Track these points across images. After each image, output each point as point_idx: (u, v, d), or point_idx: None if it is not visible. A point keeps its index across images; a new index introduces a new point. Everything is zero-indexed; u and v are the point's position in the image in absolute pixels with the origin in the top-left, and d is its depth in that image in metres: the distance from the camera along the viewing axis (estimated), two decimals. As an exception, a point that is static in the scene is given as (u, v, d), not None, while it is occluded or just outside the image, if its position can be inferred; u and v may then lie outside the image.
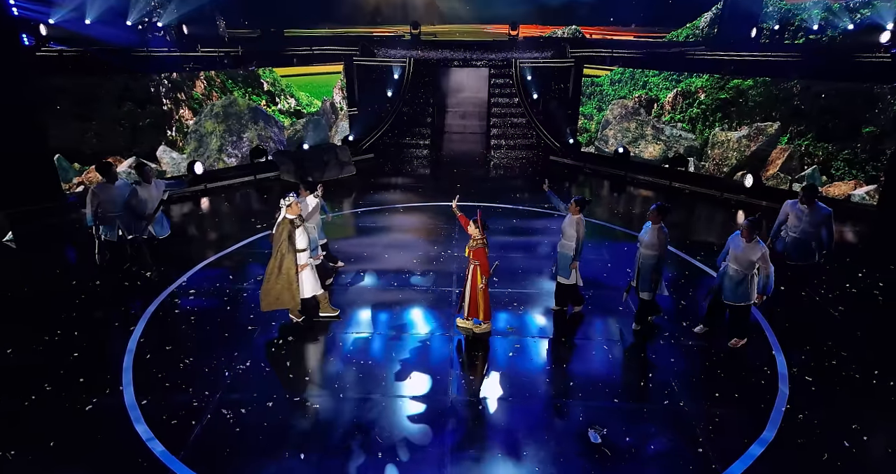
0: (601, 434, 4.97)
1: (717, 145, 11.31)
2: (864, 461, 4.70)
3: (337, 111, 13.65)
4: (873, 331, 6.58)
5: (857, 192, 9.73)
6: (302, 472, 4.53)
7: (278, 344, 6.29)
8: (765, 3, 14.67)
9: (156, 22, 12.24)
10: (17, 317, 6.74)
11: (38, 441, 4.81)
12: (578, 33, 17.12)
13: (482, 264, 5.98)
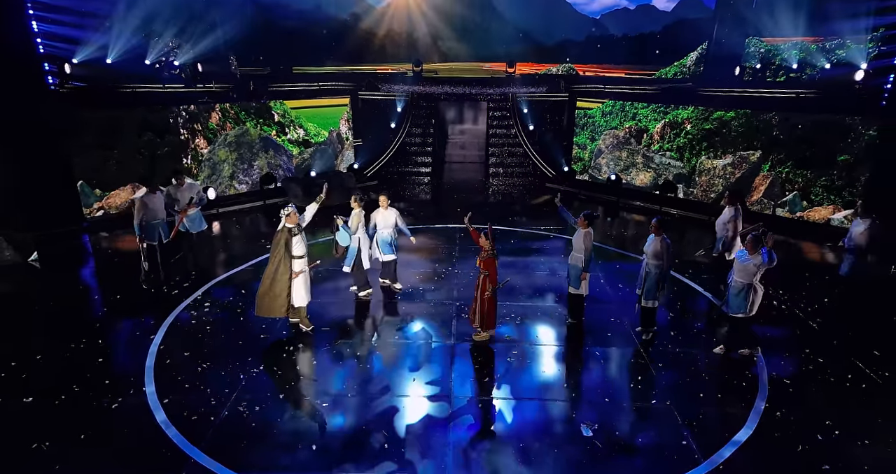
0: (592, 428, 5.35)
1: (703, 172, 11.94)
2: (836, 452, 5.08)
3: (343, 141, 14.36)
4: (848, 341, 7.01)
5: (836, 217, 10.28)
6: (313, 463, 4.90)
7: (289, 350, 6.71)
8: (746, 44, 15.53)
9: (172, 61, 12.98)
10: (44, 328, 7.17)
11: (70, 433, 5.19)
12: (572, 70, 18.01)
13: (491, 273, 6.46)
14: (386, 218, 7.80)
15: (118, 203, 10.84)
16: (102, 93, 10.58)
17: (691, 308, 7.99)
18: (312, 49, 16.86)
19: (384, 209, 7.79)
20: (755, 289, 6.13)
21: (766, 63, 14.49)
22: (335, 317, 7.56)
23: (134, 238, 8.46)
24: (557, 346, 6.91)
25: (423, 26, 18.00)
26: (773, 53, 14.75)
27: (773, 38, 13.55)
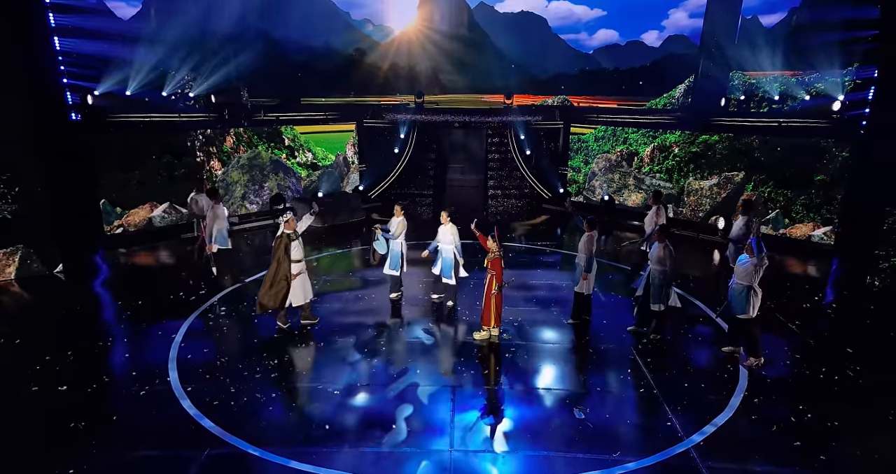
0: (585, 412, 5.80)
1: (691, 193, 12.60)
2: (807, 431, 5.52)
3: (349, 164, 15.07)
4: (823, 341, 7.49)
5: (816, 233, 10.87)
6: (327, 439, 5.34)
7: (302, 347, 7.19)
8: (731, 77, 16.42)
9: (188, 93, 13.72)
10: (73, 331, 7.64)
11: (103, 415, 5.63)
12: (567, 102, 18.90)
13: (497, 273, 7.00)
14: (444, 233, 8.15)
15: (136, 221, 11.44)
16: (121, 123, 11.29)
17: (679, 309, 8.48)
18: (321, 81, 17.73)
19: (445, 224, 8.13)
20: (755, 291, 6.48)
21: (750, 95, 15.36)
22: (357, 315, 8.07)
23: (149, 252, 9.05)
24: (554, 345, 7.39)
25: (424, 60, 18.93)
26: (755, 86, 15.65)
27: (755, 72, 14.37)
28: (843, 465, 5.06)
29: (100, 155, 10.80)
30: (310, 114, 14.84)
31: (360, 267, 10.49)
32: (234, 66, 14.27)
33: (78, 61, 10.64)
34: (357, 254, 11.27)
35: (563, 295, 8.90)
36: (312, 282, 7.94)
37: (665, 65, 17.21)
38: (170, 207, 11.80)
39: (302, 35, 16.56)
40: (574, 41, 18.91)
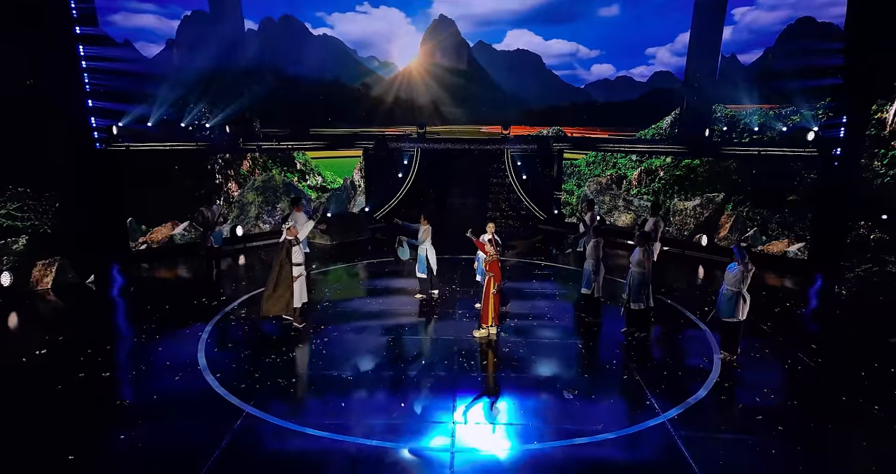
0: (573, 393, 6.51)
1: (677, 213, 13.49)
2: (769, 409, 6.22)
3: (356, 187, 16.01)
4: (791, 339, 8.22)
5: (791, 249, 11.70)
6: (343, 414, 6.05)
7: (316, 343, 7.92)
8: (714, 110, 17.49)
9: (204, 124, 14.72)
10: (109, 330, 8.37)
11: (144, 396, 6.34)
12: (561, 132, 19.98)
13: (496, 274, 7.78)
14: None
15: (159, 237, 12.26)
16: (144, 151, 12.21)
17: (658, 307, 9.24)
18: (329, 113, 18.81)
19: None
20: (743, 297, 7.06)
21: (732, 126, 16.44)
22: (367, 317, 8.82)
23: (172, 265, 9.85)
24: (548, 341, 8.13)
25: (426, 94, 20.08)
26: (736, 118, 16.74)
27: (736, 105, 15.44)
28: (798, 434, 5.75)
29: (128, 178, 11.69)
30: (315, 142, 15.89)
31: (366, 278, 11.32)
32: (247, 99, 15.36)
33: (105, 96, 11.67)
34: (363, 267, 12.07)
35: (554, 301, 9.68)
36: (323, 290, 8.71)
37: (652, 98, 18.29)
38: (189, 226, 12.64)
39: (312, 70, 17.70)
40: (567, 76, 20.10)
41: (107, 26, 12.62)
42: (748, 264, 7.02)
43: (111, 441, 5.48)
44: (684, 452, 5.39)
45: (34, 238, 9.60)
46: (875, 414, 6.12)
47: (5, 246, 9.31)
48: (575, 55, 19.42)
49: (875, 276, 9.54)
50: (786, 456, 5.37)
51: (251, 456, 5.30)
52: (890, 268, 9.35)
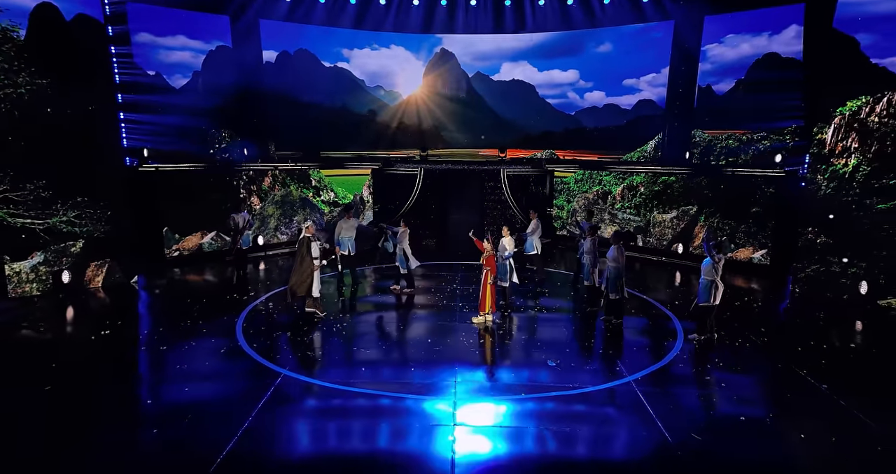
0: (556, 362, 7.82)
1: (656, 224, 14.91)
2: (719, 376, 7.53)
3: (364, 203, 17.47)
4: (745, 324, 9.53)
5: (756, 255, 13.08)
6: (361, 376, 7.37)
7: (334, 329, 9.23)
8: (693, 135, 18.99)
9: (224, 147, 16.20)
10: (158, 317, 9.71)
11: (197, 365, 7.64)
12: (553, 155, 21.53)
13: (492, 268, 9.13)
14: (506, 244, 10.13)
15: (190, 245, 13.65)
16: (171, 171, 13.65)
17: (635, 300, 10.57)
18: (339, 137, 20.36)
19: (506, 236, 10.12)
20: (717, 285, 8.35)
21: (709, 149, 17.99)
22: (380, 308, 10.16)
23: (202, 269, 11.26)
24: (536, 325, 9.46)
25: (428, 120, 21.67)
26: (713, 142, 18.30)
27: (713, 131, 16.96)
28: (738, 387, 7.06)
29: (163, 193, 13.11)
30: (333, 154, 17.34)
31: (375, 279, 12.72)
32: (263, 125, 16.91)
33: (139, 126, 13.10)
34: (372, 271, 13.45)
35: (544, 296, 11.04)
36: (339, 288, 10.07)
37: (637, 124, 19.81)
38: (216, 235, 14.04)
39: (323, 98, 19.31)
40: (558, 104, 21.70)
41: (140, 57, 14.12)
42: (715, 256, 8.39)
43: (180, 392, 6.78)
44: (644, 402, 6.68)
45: (89, 242, 10.96)
46: (801, 376, 7.42)
47: (65, 248, 10.68)
48: (565, 85, 21.03)
49: (822, 276, 10.90)
50: (723, 404, 6.66)
51: (289, 401, 6.61)
52: (834, 268, 10.71)
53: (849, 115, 10.34)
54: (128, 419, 6.22)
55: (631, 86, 19.78)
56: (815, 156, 11.00)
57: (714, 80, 16.82)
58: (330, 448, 5.77)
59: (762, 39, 15.65)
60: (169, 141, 13.87)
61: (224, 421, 6.05)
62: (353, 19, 18.13)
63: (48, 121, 10.11)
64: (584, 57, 20.25)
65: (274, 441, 5.80)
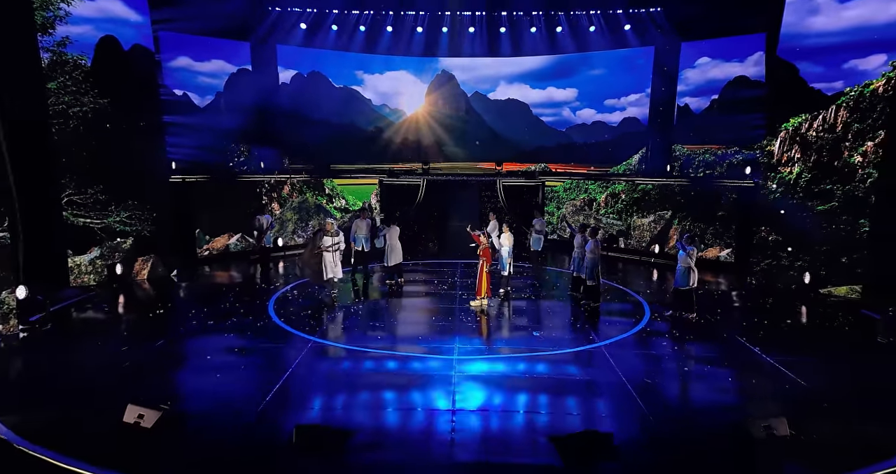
0: (539, 333, 9.42)
1: (636, 228, 16.57)
2: (677, 345, 9.13)
3: (372, 209, 19.15)
4: (705, 308, 11.04)
5: (722, 254, 14.72)
6: (377, 342, 9.02)
7: (352, 310, 10.91)
8: (673, 149, 20.74)
9: (242, 160, 17.90)
10: (200, 301, 11.34)
11: (241, 336, 9.23)
12: (547, 168, 23.24)
13: (487, 258, 10.75)
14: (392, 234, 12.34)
15: (218, 246, 15.29)
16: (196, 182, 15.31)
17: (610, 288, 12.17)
18: (347, 151, 22.04)
19: (507, 233, 11.84)
20: (692, 270, 10.02)
21: (688, 162, 19.72)
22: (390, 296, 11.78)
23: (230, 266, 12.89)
24: (525, 307, 11.07)
25: (430, 136, 23.41)
26: (692, 155, 20.03)
27: (691, 145, 18.67)
28: (687, 349, 8.66)
29: (197, 199, 14.79)
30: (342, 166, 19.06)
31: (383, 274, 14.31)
32: (277, 140, 18.61)
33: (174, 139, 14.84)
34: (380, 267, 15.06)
35: (534, 287, 12.65)
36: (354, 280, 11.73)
37: (623, 139, 21.50)
38: (241, 237, 15.68)
39: (333, 116, 21.07)
40: (551, 121, 23.44)
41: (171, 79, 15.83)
42: (688, 249, 10.05)
43: (232, 352, 8.38)
44: (609, 359, 8.27)
45: (137, 240, 12.61)
46: (740, 342, 9.02)
47: (118, 244, 12.32)
48: (557, 104, 22.82)
49: (774, 269, 12.53)
50: (673, 361, 8.26)
51: (321, 357, 8.21)
52: (783, 262, 12.35)
53: (791, 129, 12.07)
54: (197, 369, 7.81)
55: (617, 105, 21.55)
56: (766, 165, 12.70)
57: (691, 100, 18.61)
58: (355, 390, 7.34)
59: (733, 64, 17.47)
60: (196, 153, 15.59)
61: (271, 371, 7.65)
62: (361, 44, 20.00)
63: (106, 135, 11.81)
64: (574, 79, 22.07)
65: (311, 385, 7.38)
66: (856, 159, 11.00)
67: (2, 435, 5.82)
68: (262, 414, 6.42)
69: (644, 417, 6.45)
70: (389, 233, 12.42)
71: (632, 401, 6.91)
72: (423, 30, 19.83)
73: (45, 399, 6.75)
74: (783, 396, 7.03)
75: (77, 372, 7.54)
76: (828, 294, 11.61)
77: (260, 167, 18.26)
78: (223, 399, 6.82)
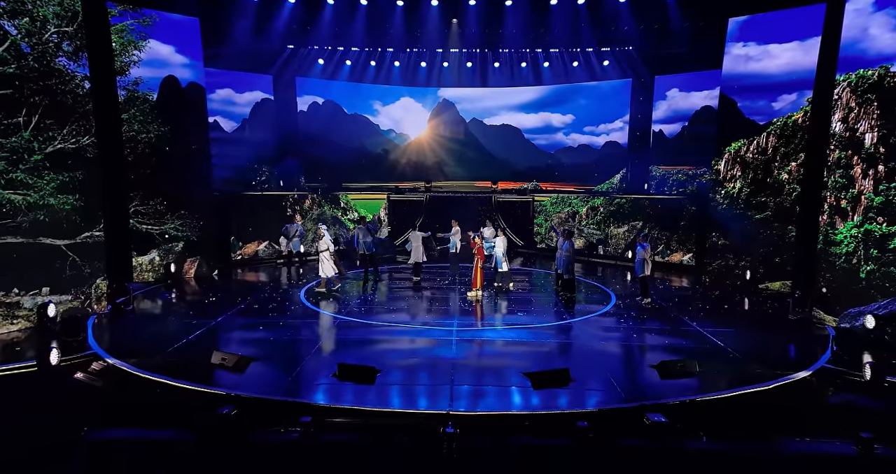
0: (523, 314, 11.74)
1: (613, 237, 18.94)
2: (630, 320, 11.45)
3: (382, 221, 21.56)
4: (662, 299, 13.43)
5: (685, 258, 17.06)
6: (389, 317, 11.36)
7: (368, 299, 13.22)
8: (650, 170, 23.15)
9: (264, 179, 20.29)
10: (240, 293, 13.70)
11: (288, 313, 11.55)
12: (538, 186, 25.70)
13: (481, 256, 13.09)
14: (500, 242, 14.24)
15: (249, 252, 17.64)
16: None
17: (587, 285, 14.47)
18: (357, 171, 24.50)
19: (500, 237, 14.06)
20: (647, 261, 12.45)
21: (663, 181, 22.18)
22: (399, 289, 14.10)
23: (261, 269, 15.25)
24: (512, 297, 13.39)
25: (432, 157, 25.90)
26: (666, 175, 22.48)
27: (665, 166, 21.08)
28: (641, 324, 10.98)
29: (232, 211, 17.23)
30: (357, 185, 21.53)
31: (390, 275, 16.68)
32: (294, 163, 21.06)
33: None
34: (388, 270, 17.44)
35: (522, 283, 14.98)
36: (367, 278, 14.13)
37: (605, 161, 23.86)
38: (269, 245, 18.04)
39: (344, 140, 23.56)
40: (541, 144, 25.89)
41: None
42: (644, 244, 12.48)
43: (278, 325, 10.70)
44: (577, 330, 10.58)
45: (186, 244, 14.98)
46: (684, 320, 11.32)
47: (171, 247, 14.68)
48: (547, 128, 25.31)
49: (723, 269, 14.88)
50: (626, 332, 10.58)
51: (348, 332, 10.52)
52: (730, 262, 14.70)
53: (733, 152, 14.55)
54: (255, 334, 10.13)
55: (600, 130, 24.09)
56: (715, 181, 15.15)
57: (665, 126, 21.14)
58: (376, 346, 9.63)
59: (700, 95, 20.02)
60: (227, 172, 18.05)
61: (311, 335, 9.95)
62: (371, 76, 22.67)
63: (165, 156, 14.26)
64: (562, 107, 24.69)
65: (343, 344, 9.68)
66: (783, 176, 13.42)
67: (127, 368, 8.13)
68: (312, 357, 8.72)
69: (596, 361, 8.75)
70: (412, 237, 14.79)
71: (589, 353, 9.23)
72: (426, 64, 22.52)
73: (149, 350, 9.03)
74: (702, 351, 9.32)
75: (165, 335, 9.84)
76: (765, 288, 13.92)
77: (279, 185, 20.71)
78: (280, 352, 9.13)
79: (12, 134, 9.66)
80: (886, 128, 9.97)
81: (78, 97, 10.69)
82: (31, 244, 10.07)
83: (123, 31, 13.04)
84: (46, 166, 10.17)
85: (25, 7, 9.63)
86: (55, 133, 10.28)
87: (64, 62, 10.35)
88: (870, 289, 10.30)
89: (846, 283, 10.82)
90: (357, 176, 24.11)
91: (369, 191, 22.12)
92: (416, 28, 19.50)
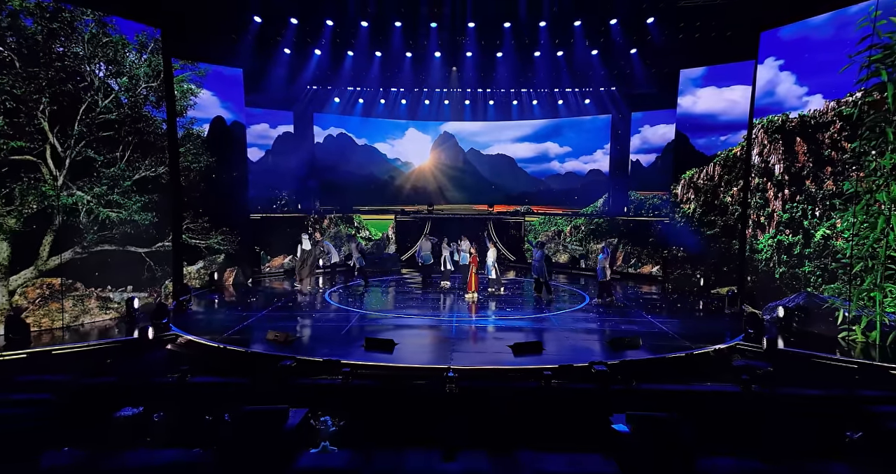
0: (511, 310, 14.36)
1: (592, 252, 21.62)
2: (598, 313, 14.09)
3: (390, 239, 24.27)
4: (630, 301, 16.02)
5: (654, 270, 19.71)
6: (400, 310, 13.98)
7: (381, 299, 15.78)
8: (629, 195, 25.90)
9: (284, 203, 23.01)
10: (275, 296, 16.36)
11: (314, 308, 14.21)
12: (529, 209, 28.47)
13: (475, 263, 15.73)
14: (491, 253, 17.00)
15: (275, 264, 20.30)
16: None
17: (565, 291, 17.06)
18: (366, 195, 27.25)
19: (491, 249, 16.92)
20: (607, 268, 15.13)
21: (640, 205, 24.98)
22: (404, 293, 16.72)
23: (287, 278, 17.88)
24: (501, 298, 16.00)
25: (434, 182, 28.65)
26: (643, 200, 25.28)
27: (642, 191, 23.82)
28: (606, 316, 13.59)
29: (261, 228, 19.98)
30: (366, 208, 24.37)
31: (395, 285, 19.30)
32: (308, 189, 23.82)
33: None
34: (394, 280, 20.06)
35: (511, 288, 17.61)
36: (378, 286, 16.70)
37: (590, 187, 26.57)
38: (292, 259, 20.70)
39: (355, 168, 26.36)
40: (532, 171, 28.65)
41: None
42: (606, 251, 15.16)
43: (312, 316, 13.31)
44: (554, 322, 13.17)
45: (227, 256, 17.67)
46: (643, 315, 13.92)
47: (214, 259, 17.35)
48: (538, 158, 28.11)
49: (682, 277, 17.52)
50: (594, 322, 13.19)
51: (366, 324, 13.13)
52: (688, 271, 17.35)
53: (688, 178, 17.36)
54: (294, 322, 12.74)
55: (585, 159, 26.93)
56: (673, 203, 17.93)
57: (641, 156, 23.97)
58: (391, 330, 12.21)
59: (666, 129, 22.88)
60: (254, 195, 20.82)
61: (341, 323, 12.56)
62: (380, 111, 25.68)
63: (212, 183, 17.06)
64: (550, 138, 27.58)
65: (367, 332, 12.27)
66: (727, 199, 16.19)
67: (205, 342, 10.74)
68: (342, 337, 11.34)
69: (565, 340, 11.37)
70: (423, 246, 17.45)
71: (560, 336, 11.83)
72: (429, 102, 25.57)
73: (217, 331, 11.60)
74: (649, 334, 11.91)
75: (223, 322, 12.43)
76: (716, 293, 16.54)
77: (297, 207, 23.45)
78: (317, 334, 11.74)
79: (111, 165, 12.46)
80: (788, 161, 12.78)
81: (156, 136, 13.52)
82: (121, 251, 12.76)
83: (183, 81, 16.00)
84: (133, 190, 12.94)
85: (125, 69, 12.55)
86: (140, 164, 13.09)
87: (149, 109, 13.22)
88: (782, 287, 12.94)
89: (766, 283, 13.45)
90: (367, 199, 26.77)
91: (378, 213, 24.95)
92: (421, 73, 22.52)
